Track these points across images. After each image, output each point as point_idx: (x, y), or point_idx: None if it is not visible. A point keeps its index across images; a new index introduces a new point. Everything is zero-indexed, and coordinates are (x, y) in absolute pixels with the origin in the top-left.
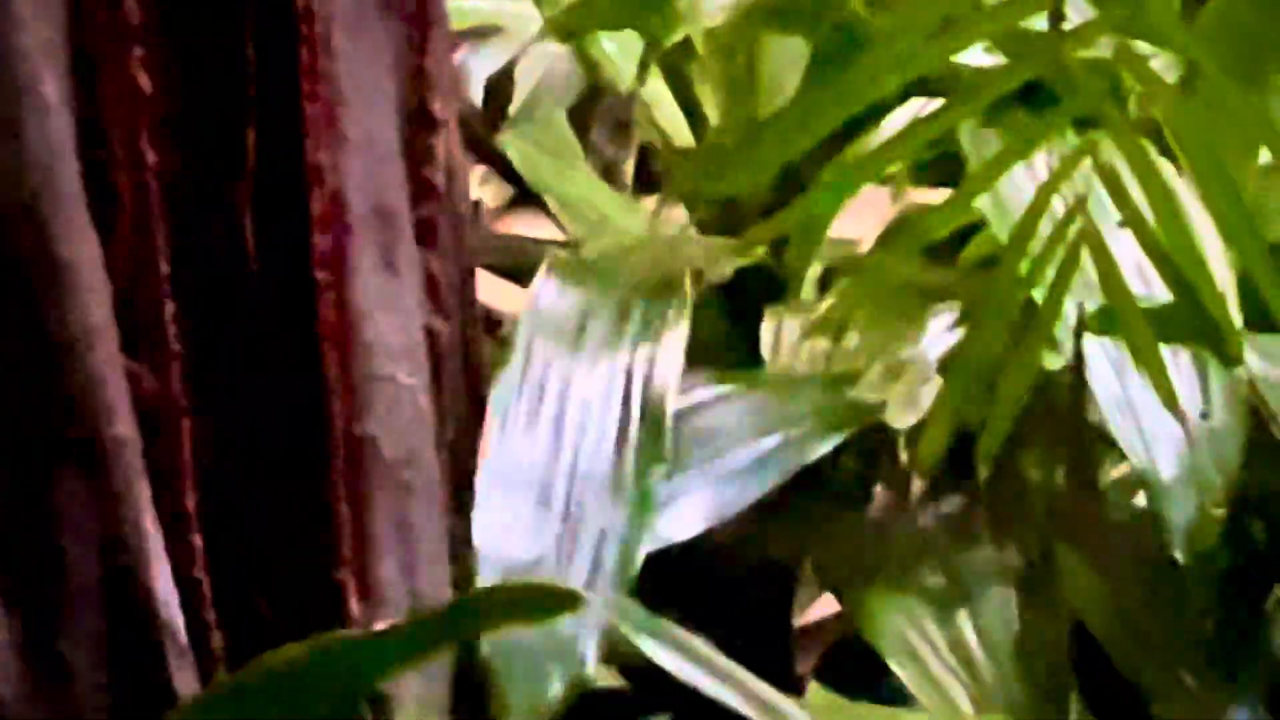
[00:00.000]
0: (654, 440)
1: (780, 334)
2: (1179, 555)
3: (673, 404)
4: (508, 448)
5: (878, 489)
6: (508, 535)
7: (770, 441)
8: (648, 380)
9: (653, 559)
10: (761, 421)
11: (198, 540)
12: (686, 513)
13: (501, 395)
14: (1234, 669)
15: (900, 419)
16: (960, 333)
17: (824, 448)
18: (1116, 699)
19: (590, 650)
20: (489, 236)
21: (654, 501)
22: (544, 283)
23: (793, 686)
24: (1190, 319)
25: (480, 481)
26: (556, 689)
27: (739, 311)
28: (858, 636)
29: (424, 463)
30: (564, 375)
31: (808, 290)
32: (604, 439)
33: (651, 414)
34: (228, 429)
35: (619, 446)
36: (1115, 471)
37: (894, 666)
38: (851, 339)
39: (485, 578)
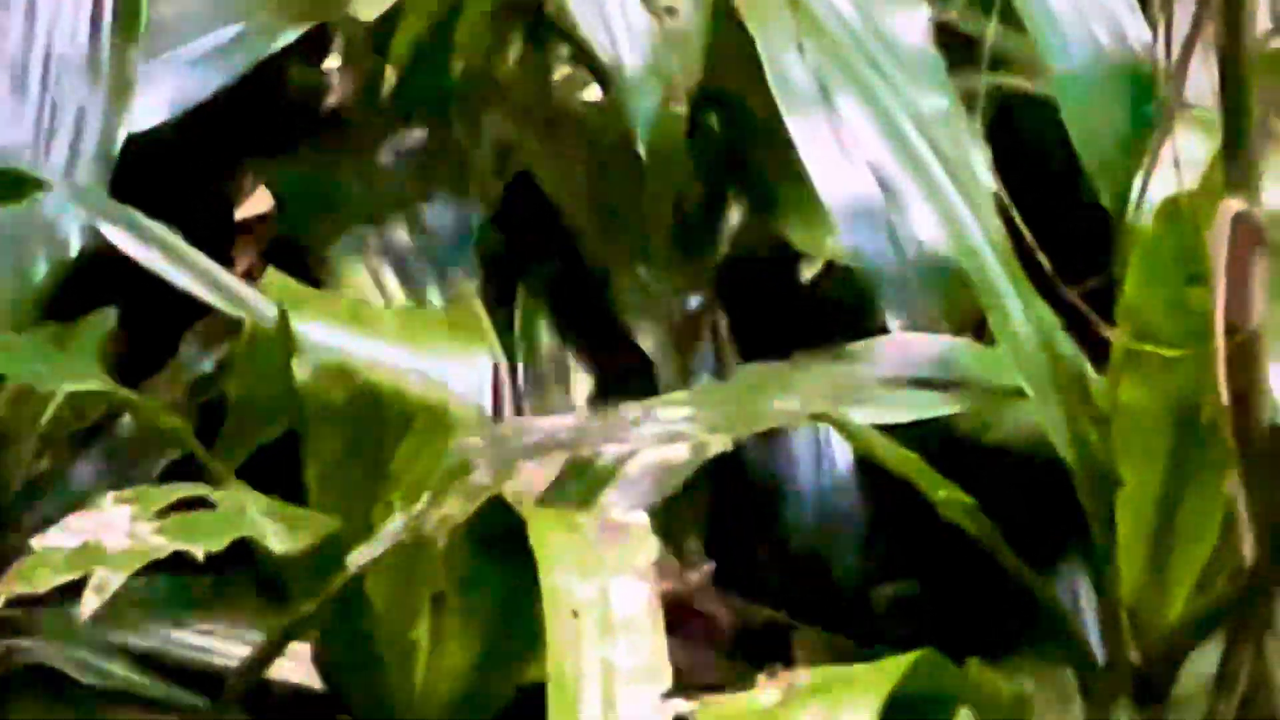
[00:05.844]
0: (129, 21)
1: None
2: (642, 149)
3: None
4: None
5: (336, 84)
6: None
7: (232, 31)
8: None
9: None
10: (223, 10)
11: None
12: (151, 101)
13: None
14: (690, 258)
15: (366, 10)
16: None
17: (287, 38)
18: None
19: (74, 234)
20: None
21: (132, 83)
22: None
23: None
24: None
25: None
26: (42, 271)
27: None
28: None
29: None
30: None
31: None
32: (79, 21)
33: None
34: None
35: (94, 28)
36: (568, 67)
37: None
38: None
39: None
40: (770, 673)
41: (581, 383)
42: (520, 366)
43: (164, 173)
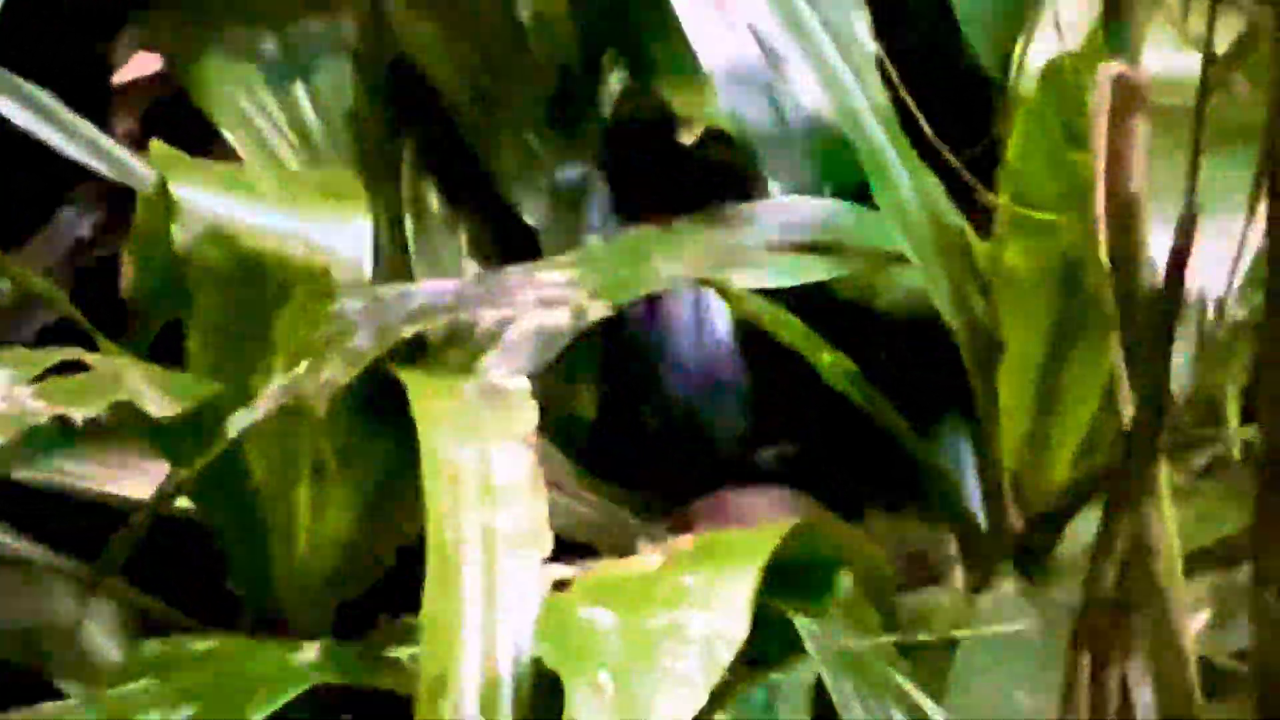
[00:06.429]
0: None
1: None
2: (523, 15)
3: None
4: None
5: None
6: None
7: None
8: None
9: None
10: None
11: None
12: None
13: None
14: (572, 125)
15: None
16: None
17: None
18: (458, 159)
19: None
20: None
21: None
22: None
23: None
24: None
25: None
26: None
27: None
28: (183, 100)
29: None
30: None
31: None
32: None
33: None
34: None
35: None
36: None
37: (225, 131)
38: None
39: None
40: (651, 537)
41: (470, 245)
42: (409, 229)
43: (39, 35)
